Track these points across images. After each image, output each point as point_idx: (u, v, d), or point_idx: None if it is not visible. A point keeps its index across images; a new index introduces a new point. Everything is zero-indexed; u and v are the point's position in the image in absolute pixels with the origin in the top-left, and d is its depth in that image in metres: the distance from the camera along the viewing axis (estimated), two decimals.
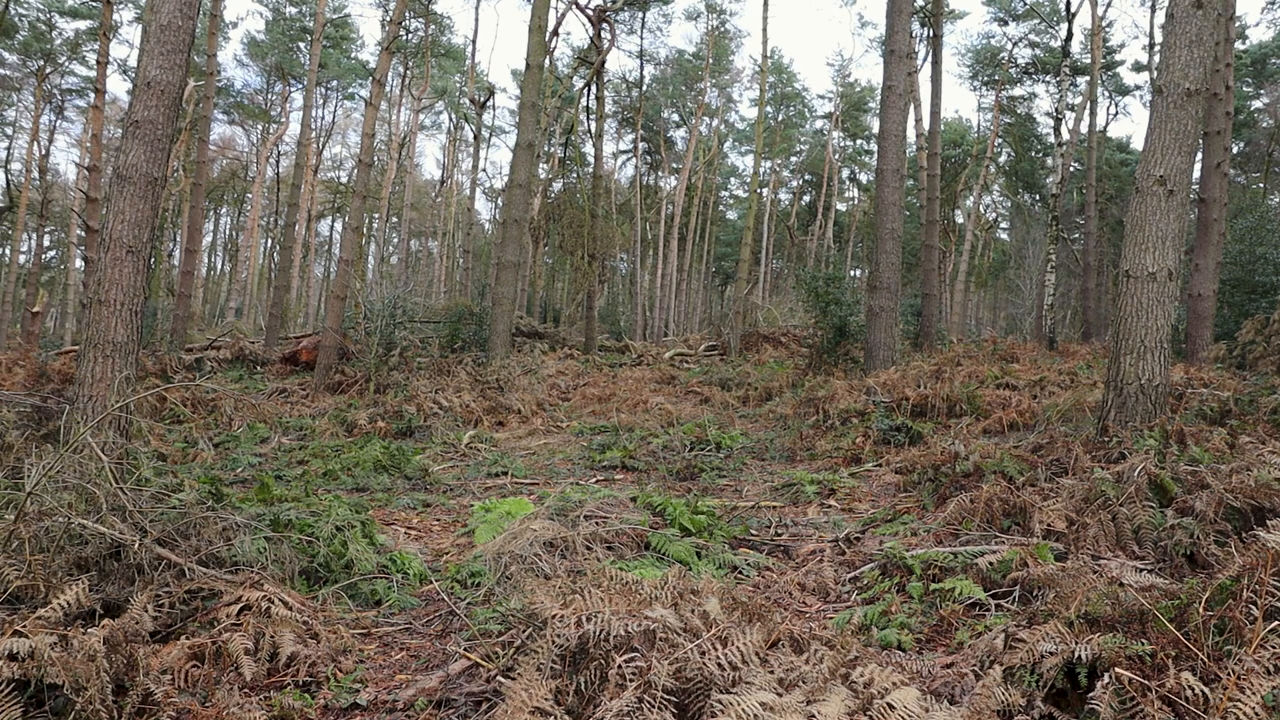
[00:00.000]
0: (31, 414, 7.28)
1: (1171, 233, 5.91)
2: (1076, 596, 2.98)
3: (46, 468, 3.63)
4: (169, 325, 17.69)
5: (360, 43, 39.52)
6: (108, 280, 5.84)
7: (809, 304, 14.59)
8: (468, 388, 11.61)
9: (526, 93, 14.57)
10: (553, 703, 2.55)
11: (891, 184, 11.81)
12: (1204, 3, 5.96)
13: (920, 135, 24.22)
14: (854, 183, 47.18)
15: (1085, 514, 4.29)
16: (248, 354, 16.04)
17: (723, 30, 38.73)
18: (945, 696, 2.72)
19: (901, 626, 3.46)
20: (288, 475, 7.02)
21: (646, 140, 41.04)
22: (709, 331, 25.36)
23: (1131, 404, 5.85)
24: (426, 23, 32.23)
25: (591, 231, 22.28)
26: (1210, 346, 11.40)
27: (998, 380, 9.52)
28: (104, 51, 17.23)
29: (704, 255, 43.00)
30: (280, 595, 3.48)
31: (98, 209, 15.58)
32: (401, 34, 21.31)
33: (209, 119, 18.85)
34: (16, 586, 3.08)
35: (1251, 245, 14.53)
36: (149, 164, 5.95)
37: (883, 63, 12.26)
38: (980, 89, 38.57)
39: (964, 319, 35.64)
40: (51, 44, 30.43)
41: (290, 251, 20.89)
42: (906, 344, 16.00)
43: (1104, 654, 2.50)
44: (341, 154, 46.77)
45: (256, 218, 39.06)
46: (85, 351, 5.85)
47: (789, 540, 5.14)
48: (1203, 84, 6.02)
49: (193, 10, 6.24)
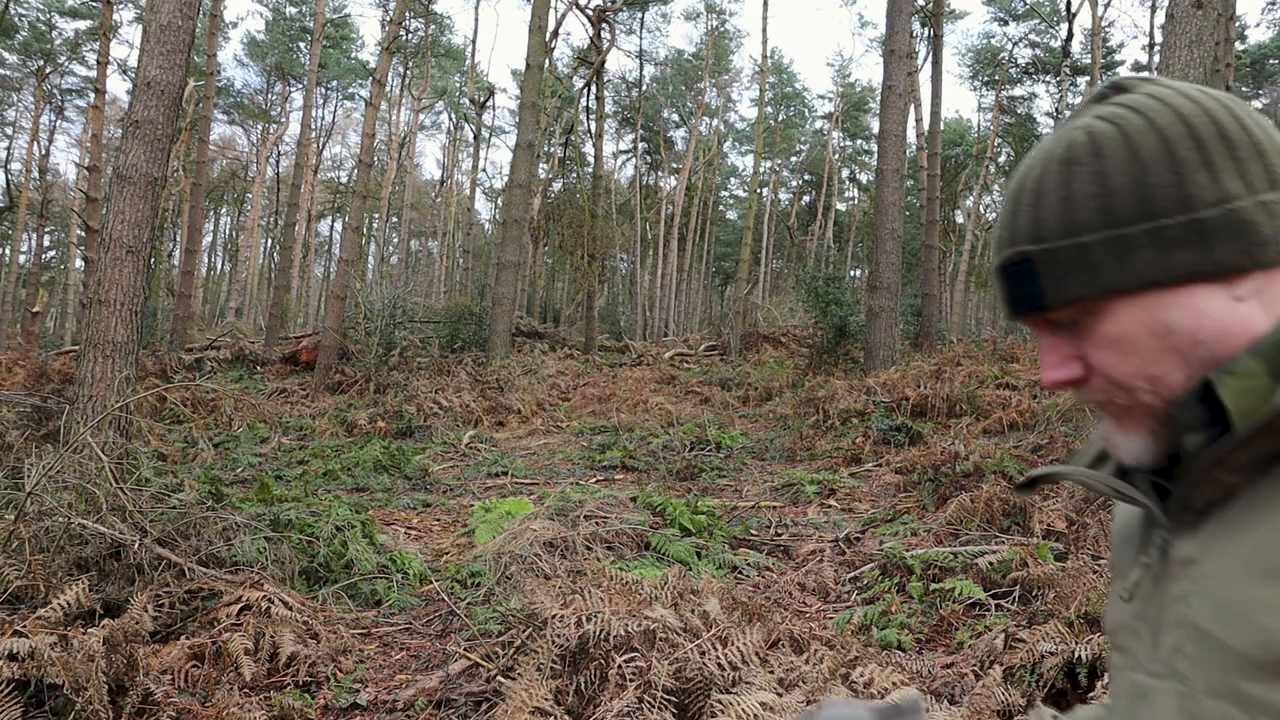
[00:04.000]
0: (31, 414, 7.28)
1: None
2: (1076, 596, 2.98)
3: (46, 468, 3.63)
4: (169, 325, 17.69)
5: (360, 43, 39.57)
6: (108, 280, 5.84)
7: (809, 304, 14.59)
8: (468, 388, 11.60)
9: (526, 93, 14.57)
10: (553, 703, 2.56)
11: (891, 184, 11.81)
12: (1204, 3, 5.96)
13: (920, 135, 24.22)
14: (854, 183, 47.19)
15: (1085, 514, 4.30)
16: (248, 354, 16.04)
17: (722, 30, 38.73)
18: (945, 696, 2.72)
19: (901, 626, 3.46)
20: (288, 475, 7.02)
21: (646, 140, 41.03)
22: (709, 331, 25.36)
23: None
24: (426, 23, 32.23)
25: (591, 231, 22.28)
26: None
27: (998, 380, 9.51)
28: (104, 51, 17.24)
29: (704, 255, 43.00)
30: (280, 595, 3.48)
31: (98, 209, 15.57)
32: (401, 34, 21.31)
33: (209, 119, 18.86)
34: (16, 586, 3.08)
35: None
36: (149, 164, 5.95)
37: (883, 63, 12.26)
38: (980, 89, 38.61)
39: (964, 319, 35.66)
40: (51, 44, 30.44)
41: (290, 251, 20.90)
42: (906, 344, 16.00)
43: (1104, 654, 2.50)
44: (341, 154, 46.82)
45: (256, 218, 39.08)
46: (85, 351, 5.85)
47: (789, 540, 5.14)
48: (1203, 84, 6.02)
49: (193, 10, 6.24)
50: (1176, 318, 0.60)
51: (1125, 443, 0.66)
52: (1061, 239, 0.62)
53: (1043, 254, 0.63)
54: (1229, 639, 0.56)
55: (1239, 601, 0.56)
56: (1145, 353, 0.62)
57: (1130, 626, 0.68)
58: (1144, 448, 0.65)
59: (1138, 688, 0.66)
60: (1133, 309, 0.62)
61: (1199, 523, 0.61)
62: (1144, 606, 0.67)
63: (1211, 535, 0.60)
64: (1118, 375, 0.63)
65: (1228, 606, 0.57)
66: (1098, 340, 0.64)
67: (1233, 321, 0.60)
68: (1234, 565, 0.57)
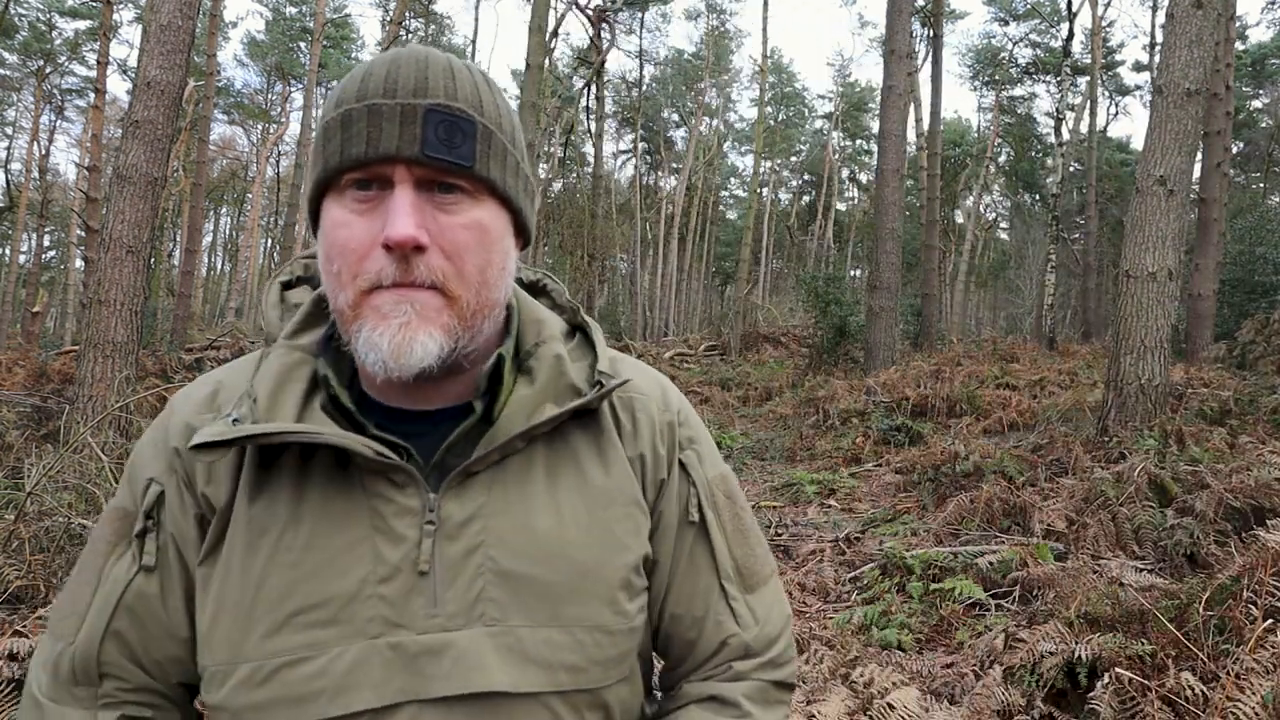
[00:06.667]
0: (31, 414, 7.28)
1: (1171, 233, 5.90)
2: (1076, 596, 2.98)
3: (46, 468, 3.63)
4: (169, 325, 17.69)
5: (360, 43, 39.52)
6: (108, 280, 5.84)
7: (809, 304, 14.59)
8: None
9: (526, 93, 14.55)
10: None
11: (891, 184, 11.81)
12: (1204, 2, 5.96)
13: (920, 135, 24.21)
14: (854, 183, 47.18)
15: (1085, 514, 4.29)
16: (247, 354, 16.03)
17: (722, 30, 38.73)
18: (945, 696, 2.72)
19: (901, 626, 3.46)
20: None
21: (646, 140, 41.02)
22: (709, 331, 25.36)
23: (1131, 404, 5.85)
24: (426, 23, 32.21)
25: (591, 231, 22.28)
26: (1210, 346, 11.40)
27: (998, 380, 9.51)
28: (104, 51, 17.23)
29: (704, 255, 42.98)
30: None
31: (98, 209, 15.57)
32: (401, 34, 21.31)
33: (209, 119, 18.85)
34: (16, 586, 3.08)
35: (1251, 245, 14.52)
36: (149, 164, 5.95)
37: (883, 63, 12.26)
38: (980, 89, 38.58)
39: (964, 319, 35.65)
40: (51, 44, 30.42)
41: (290, 251, 20.89)
42: (906, 344, 15.99)
43: (1104, 654, 2.50)
44: None
45: (256, 218, 39.08)
46: (85, 351, 5.84)
47: (789, 540, 5.14)
48: (1203, 84, 6.01)
49: (193, 10, 6.24)
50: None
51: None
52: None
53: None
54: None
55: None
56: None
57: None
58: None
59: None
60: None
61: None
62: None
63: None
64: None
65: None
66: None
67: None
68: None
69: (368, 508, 0.71)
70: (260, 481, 0.72)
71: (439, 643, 0.69)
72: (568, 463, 0.77)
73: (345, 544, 0.70)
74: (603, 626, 0.74)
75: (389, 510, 0.70)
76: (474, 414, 0.73)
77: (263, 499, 0.71)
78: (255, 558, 0.70)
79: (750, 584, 0.85)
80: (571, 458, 0.77)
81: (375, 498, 0.71)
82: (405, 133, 0.66)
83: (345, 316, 0.69)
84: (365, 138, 0.67)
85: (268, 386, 0.72)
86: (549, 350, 0.78)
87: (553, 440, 0.77)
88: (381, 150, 0.66)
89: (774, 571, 0.90)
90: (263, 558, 0.70)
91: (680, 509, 0.83)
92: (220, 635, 0.70)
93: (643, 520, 0.79)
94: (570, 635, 0.72)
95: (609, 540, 0.76)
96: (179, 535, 0.74)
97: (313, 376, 0.74)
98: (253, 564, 0.70)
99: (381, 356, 0.67)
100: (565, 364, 0.78)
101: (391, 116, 0.67)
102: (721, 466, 0.88)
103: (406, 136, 0.66)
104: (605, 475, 0.78)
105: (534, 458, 0.75)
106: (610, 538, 0.76)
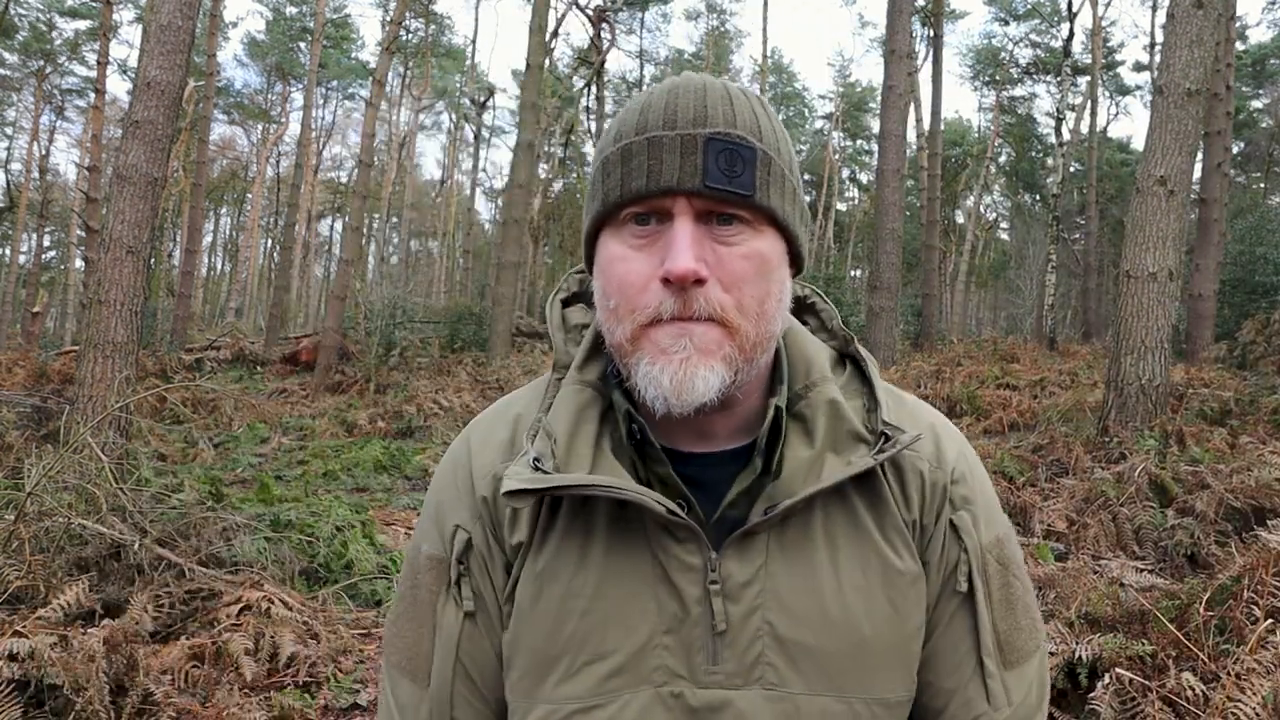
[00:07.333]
0: (31, 414, 7.28)
1: (1172, 233, 5.90)
2: (1077, 596, 2.97)
3: (46, 468, 3.63)
4: (169, 325, 17.70)
5: (360, 43, 39.55)
6: (108, 280, 5.84)
7: None
8: (468, 388, 11.60)
9: (526, 93, 14.57)
10: None
11: (892, 184, 11.81)
12: (1204, 3, 5.96)
13: (920, 135, 24.22)
14: (854, 183, 47.18)
15: (1085, 514, 4.30)
16: (248, 354, 16.04)
17: (723, 30, 38.75)
18: None
19: None
20: (288, 475, 7.02)
21: None
22: None
23: (1132, 404, 5.85)
24: (426, 23, 32.22)
25: None
26: (1211, 346, 11.40)
27: (998, 380, 9.52)
28: (104, 51, 17.24)
29: None
30: (280, 595, 3.48)
31: (98, 209, 15.58)
32: (401, 34, 21.31)
33: (209, 119, 18.87)
34: (16, 586, 3.08)
35: (1251, 245, 14.51)
36: (149, 164, 5.95)
37: (883, 63, 12.26)
38: (981, 89, 38.62)
39: (964, 319, 35.67)
40: (51, 44, 30.43)
41: (290, 252, 20.92)
42: (907, 344, 16.00)
43: (1104, 654, 2.49)
44: (341, 154, 46.84)
45: (256, 218, 39.11)
46: (85, 351, 5.84)
47: None
48: (1203, 84, 6.01)
49: (193, 10, 6.23)
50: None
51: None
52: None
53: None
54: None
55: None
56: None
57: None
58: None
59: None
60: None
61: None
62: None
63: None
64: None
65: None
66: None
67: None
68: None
69: (650, 559, 0.71)
70: (548, 524, 0.73)
71: (719, 699, 0.69)
72: (847, 525, 0.74)
73: (630, 594, 0.71)
74: (882, 700, 0.72)
75: (671, 565, 0.71)
76: (753, 467, 0.72)
77: (551, 542, 0.73)
78: (548, 602, 0.72)
79: (1011, 660, 0.78)
80: (850, 520, 0.74)
81: (658, 549, 0.71)
82: (686, 164, 0.66)
83: (623, 350, 0.69)
84: (646, 171, 0.66)
85: (565, 427, 0.72)
86: (822, 395, 0.75)
87: (829, 499, 0.73)
88: (663, 183, 0.66)
89: (1040, 645, 0.82)
90: (555, 602, 0.71)
91: (945, 575, 0.77)
92: (516, 677, 0.73)
93: (923, 590, 0.76)
94: (848, 705, 0.71)
95: (891, 612, 0.73)
96: (489, 580, 0.76)
97: (601, 416, 0.74)
98: (546, 608, 0.72)
99: (663, 392, 0.66)
100: (842, 409, 0.74)
101: (672, 148, 0.66)
102: (999, 528, 0.81)
103: (688, 168, 0.66)
104: (884, 540, 0.74)
105: (813, 518, 0.73)
106: (892, 609, 0.73)
